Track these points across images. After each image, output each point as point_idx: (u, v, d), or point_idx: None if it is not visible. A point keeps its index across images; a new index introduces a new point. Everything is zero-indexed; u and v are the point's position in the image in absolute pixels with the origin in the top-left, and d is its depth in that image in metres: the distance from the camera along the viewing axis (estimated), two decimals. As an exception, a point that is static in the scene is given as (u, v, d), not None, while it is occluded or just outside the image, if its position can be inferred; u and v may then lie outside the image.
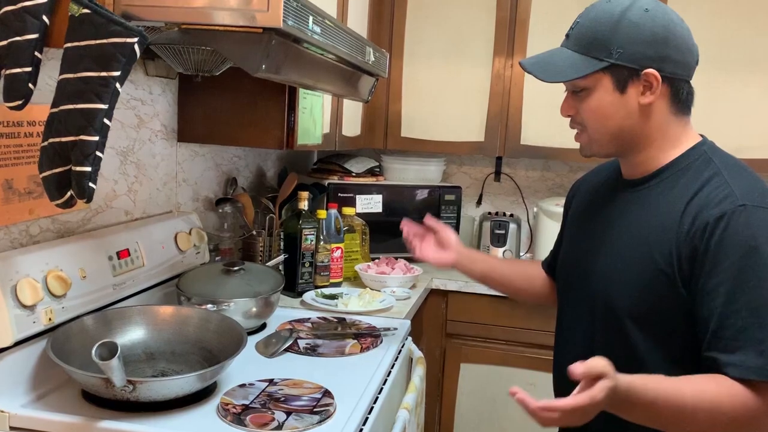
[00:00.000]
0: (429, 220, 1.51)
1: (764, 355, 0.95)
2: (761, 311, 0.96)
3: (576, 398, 0.90)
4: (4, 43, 1.02)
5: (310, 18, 1.13)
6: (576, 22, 1.12)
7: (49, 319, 1.23)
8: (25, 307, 1.18)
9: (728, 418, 0.96)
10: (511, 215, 2.72)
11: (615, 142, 1.12)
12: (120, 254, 1.46)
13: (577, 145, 1.20)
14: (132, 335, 1.38)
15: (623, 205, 1.15)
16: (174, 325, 1.41)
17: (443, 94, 2.59)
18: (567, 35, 1.13)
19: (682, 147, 1.12)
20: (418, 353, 1.72)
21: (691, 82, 1.12)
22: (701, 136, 1.15)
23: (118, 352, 1.07)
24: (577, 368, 0.90)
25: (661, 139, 1.11)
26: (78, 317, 1.31)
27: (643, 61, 1.06)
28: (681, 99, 1.10)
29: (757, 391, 0.95)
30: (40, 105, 1.18)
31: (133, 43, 0.98)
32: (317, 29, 1.17)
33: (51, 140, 1.01)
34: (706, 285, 1.00)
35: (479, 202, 2.91)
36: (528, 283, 1.45)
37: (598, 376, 0.90)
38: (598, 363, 0.91)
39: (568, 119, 1.17)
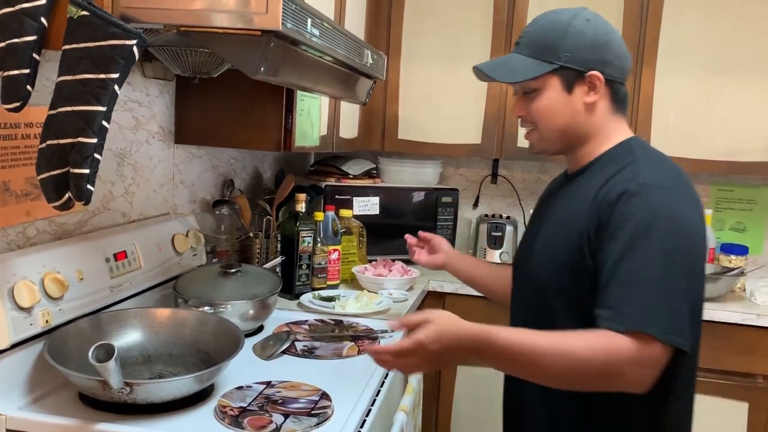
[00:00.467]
0: (422, 233, 1.68)
1: (633, 306, 1.01)
2: (642, 275, 1.03)
3: (400, 342, 1.05)
4: (3, 45, 1.02)
5: (309, 20, 1.13)
6: (525, 31, 1.24)
7: (46, 321, 1.23)
8: (22, 309, 1.18)
9: (587, 366, 1.01)
10: (508, 217, 2.72)
11: (562, 139, 1.23)
12: (117, 256, 1.46)
13: None
14: (129, 338, 1.37)
15: (560, 196, 1.28)
16: (171, 327, 1.41)
17: (440, 97, 2.60)
18: (517, 43, 1.25)
19: (613, 142, 1.22)
20: (415, 355, 1.72)
21: (624, 83, 1.24)
22: (634, 135, 1.25)
23: (115, 354, 1.07)
24: (393, 323, 1.05)
25: (599, 135, 1.22)
26: (75, 319, 1.31)
27: (588, 64, 1.18)
28: (619, 99, 1.23)
29: (626, 341, 1.00)
30: (37, 107, 1.18)
31: (132, 46, 0.98)
32: (316, 32, 1.17)
33: (49, 142, 1.01)
34: (604, 253, 1.08)
35: (476, 204, 2.91)
36: (509, 290, 1.47)
37: (416, 324, 1.04)
38: (418, 314, 1.05)
39: (519, 119, 1.29)
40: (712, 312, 2.20)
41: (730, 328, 2.20)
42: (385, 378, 1.48)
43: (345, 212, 2.27)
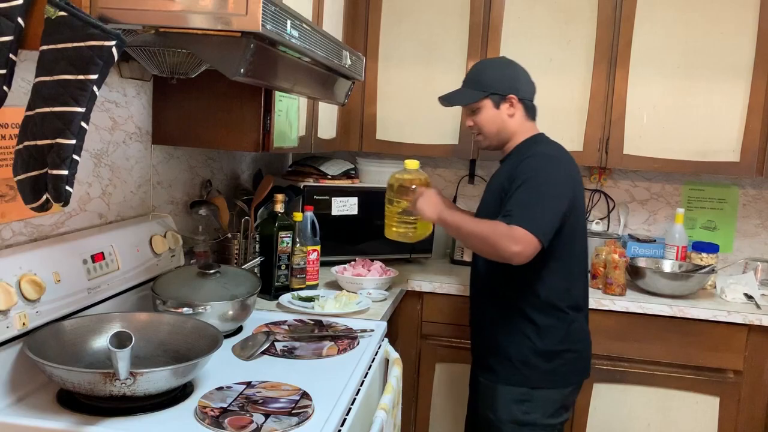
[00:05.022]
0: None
1: (512, 215, 1.67)
2: (522, 201, 1.69)
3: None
4: (-22, 45, 1.00)
5: (288, 22, 1.14)
6: (467, 75, 1.95)
7: (23, 324, 1.22)
8: (-2, 311, 1.17)
9: (483, 231, 1.70)
10: (485, 217, 2.75)
11: (498, 137, 1.89)
12: (94, 258, 1.45)
13: None
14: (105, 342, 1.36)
15: (495, 175, 1.94)
16: (149, 330, 1.40)
17: (418, 98, 2.62)
18: (464, 81, 1.93)
19: (523, 137, 1.88)
20: (394, 354, 1.74)
21: (533, 101, 1.90)
22: (540, 132, 1.91)
23: (132, 342, 1.08)
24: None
25: (518, 134, 1.88)
26: (52, 322, 1.29)
27: (507, 90, 1.85)
28: (530, 110, 1.89)
29: (504, 224, 1.67)
30: (12, 107, 1.17)
31: (111, 46, 0.97)
32: (295, 33, 1.18)
33: (26, 143, 1.01)
34: (511, 192, 1.73)
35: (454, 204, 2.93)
36: None
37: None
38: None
39: (468, 128, 1.95)
40: (684, 309, 2.26)
41: (701, 325, 2.25)
42: (365, 377, 1.49)
43: (410, 164, 1.99)
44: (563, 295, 1.80)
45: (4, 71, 1.01)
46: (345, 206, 2.47)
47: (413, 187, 1.90)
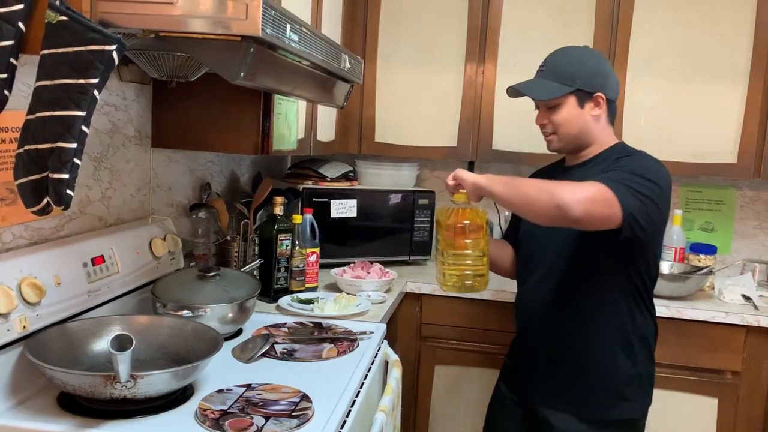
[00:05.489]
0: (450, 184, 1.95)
1: (604, 179, 1.46)
2: (616, 176, 1.48)
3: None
4: (-21, 49, 1.01)
5: (288, 26, 1.14)
6: (546, 62, 1.69)
7: (24, 327, 1.22)
8: (-1, 315, 1.17)
9: (541, 182, 1.49)
10: (484, 219, 2.75)
11: (575, 141, 1.69)
12: (94, 261, 1.45)
13: (544, 151, 1.80)
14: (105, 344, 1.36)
15: (567, 178, 1.59)
16: (149, 333, 1.40)
17: (416, 100, 2.62)
18: (541, 70, 1.69)
19: (608, 144, 1.70)
20: (394, 356, 1.74)
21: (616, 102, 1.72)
22: (622, 141, 1.74)
23: (133, 344, 1.09)
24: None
25: (599, 139, 1.69)
26: (53, 325, 1.30)
27: (595, 87, 1.64)
28: (612, 113, 1.70)
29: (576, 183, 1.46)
30: (13, 111, 1.17)
31: (112, 51, 0.98)
32: (294, 37, 1.19)
33: (27, 147, 1.01)
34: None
35: (452, 206, 2.93)
36: (505, 262, 1.90)
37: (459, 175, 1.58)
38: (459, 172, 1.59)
39: (540, 126, 1.72)
40: (682, 310, 2.26)
41: (699, 326, 2.26)
42: (365, 379, 1.49)
43: (460, 197, 1.62)
44: (651, 318, 1.70)
45: (5, 75, 1.01)
46: (344, 208, 2.48)
47: (467, 222, 1.58)
